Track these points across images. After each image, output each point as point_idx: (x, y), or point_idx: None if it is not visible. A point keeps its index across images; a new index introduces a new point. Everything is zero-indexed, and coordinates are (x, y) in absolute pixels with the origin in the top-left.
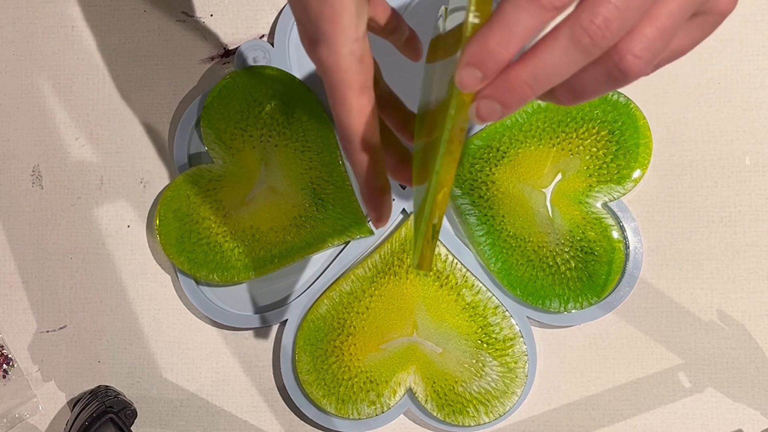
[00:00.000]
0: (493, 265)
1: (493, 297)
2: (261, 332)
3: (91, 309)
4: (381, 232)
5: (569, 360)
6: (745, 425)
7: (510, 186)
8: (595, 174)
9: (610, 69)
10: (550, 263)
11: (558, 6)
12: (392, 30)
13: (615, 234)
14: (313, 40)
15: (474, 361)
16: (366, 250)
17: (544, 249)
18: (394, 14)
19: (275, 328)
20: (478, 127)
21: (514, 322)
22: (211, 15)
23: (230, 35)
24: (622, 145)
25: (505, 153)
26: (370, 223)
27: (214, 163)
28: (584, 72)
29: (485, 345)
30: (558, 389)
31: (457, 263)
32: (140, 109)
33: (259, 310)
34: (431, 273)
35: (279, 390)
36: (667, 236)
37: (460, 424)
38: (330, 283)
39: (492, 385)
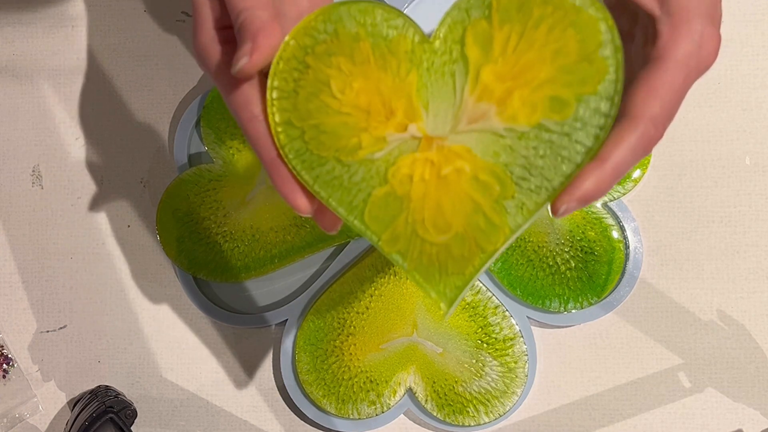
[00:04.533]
0: (493, 265)
1: (493, 297)
2: (261, 332)
3: (91, 309)
4: None
5: (569, 360)
6: (745, 425)
7: None
8: None
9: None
10: (550, 263)
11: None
12: None
13: (615, 234)
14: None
15: (474, 361)
16: (366, 249)
17: (544, 249)
18: None
19: (275, 328)
20: None
21: (514, 322)
22: None
23: None
24: None
25: None
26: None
27: (214, 163)
28: None
29: (485, 345)
30: (558, 389)
31: None
32: (140, 109)
33: (259, 310)
34: None
35: (279, 390)
36: (667, 236)
37: (460, 424)
38: (330, 283)
39: (492, 385)
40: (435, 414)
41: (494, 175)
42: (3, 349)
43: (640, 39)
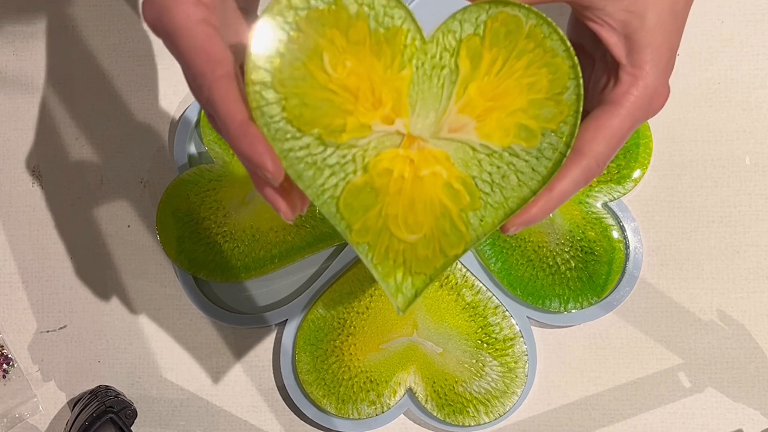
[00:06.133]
0: (493, 265)
1: (493, 297)
2: (261, 332)
3: (91, 309)
4: None
5: (569, 360)
6: (745, 425)
7: None
8: None
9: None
10: (550, 263)
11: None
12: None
13: (615, 234)
14: None
15: (474, 361)
16: None
17: (544, 249)
18: None
19: (275, 328)
20: None
21: (514, 322)
22: None
23: None
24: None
25: None
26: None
27: (214, 163)
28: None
29: (485, 345)
30: (558, 389)
31: (457, 263)
32: (140, 109)
33: (259, 310)
34: None
35: (279, 390)
36: (667, 236)
37: (460, 424)
38: (330, 283)
39: (492, 385)
40: (435, 414)
41: (466, 185)
42: (3, 349)
43: (601, 77)
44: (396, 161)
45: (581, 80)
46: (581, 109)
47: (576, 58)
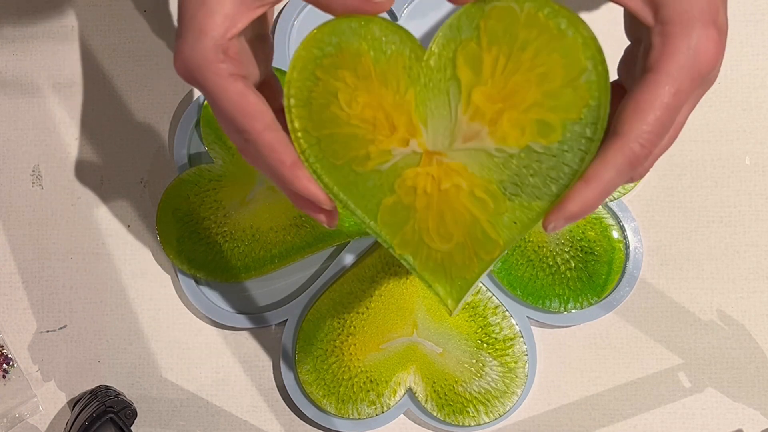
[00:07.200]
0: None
1: (493, 297)
2: (261, 332)
3: (91, 309)
4: None
5: (569, 360)
6: (745, 425)
7: None
8: None
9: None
10: (550, 263)
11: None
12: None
13: (615, 234)
14: (178, 35)
15: (474, 361)
16: (366, 249)
17: (544, 249)
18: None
19: (275, 328)
20: None
21: (514, 322)
22: None
23: None
24: None
25: None
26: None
27: (214, 163)
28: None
29: (485, 345)
30: (558, 389)
31: None
32: (140, 109)
33: (259, 310)
34: None
35: (279, 390)
36: (667, 236)
37: (460, 424)
38: (330, 283)
39: (492, 385)
40: (435, 414)
41: (488, 192)
42: (3, 349)
43: (641, 49)
44: (418, 179)
45: (601, 55)
46: (608, 86)
47: (590, 31)
